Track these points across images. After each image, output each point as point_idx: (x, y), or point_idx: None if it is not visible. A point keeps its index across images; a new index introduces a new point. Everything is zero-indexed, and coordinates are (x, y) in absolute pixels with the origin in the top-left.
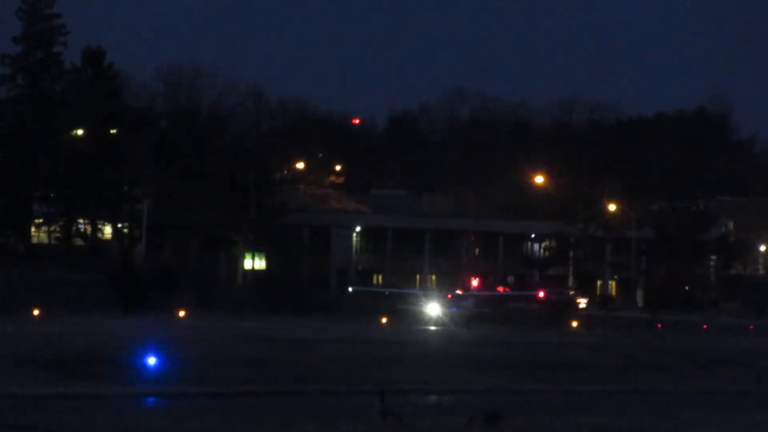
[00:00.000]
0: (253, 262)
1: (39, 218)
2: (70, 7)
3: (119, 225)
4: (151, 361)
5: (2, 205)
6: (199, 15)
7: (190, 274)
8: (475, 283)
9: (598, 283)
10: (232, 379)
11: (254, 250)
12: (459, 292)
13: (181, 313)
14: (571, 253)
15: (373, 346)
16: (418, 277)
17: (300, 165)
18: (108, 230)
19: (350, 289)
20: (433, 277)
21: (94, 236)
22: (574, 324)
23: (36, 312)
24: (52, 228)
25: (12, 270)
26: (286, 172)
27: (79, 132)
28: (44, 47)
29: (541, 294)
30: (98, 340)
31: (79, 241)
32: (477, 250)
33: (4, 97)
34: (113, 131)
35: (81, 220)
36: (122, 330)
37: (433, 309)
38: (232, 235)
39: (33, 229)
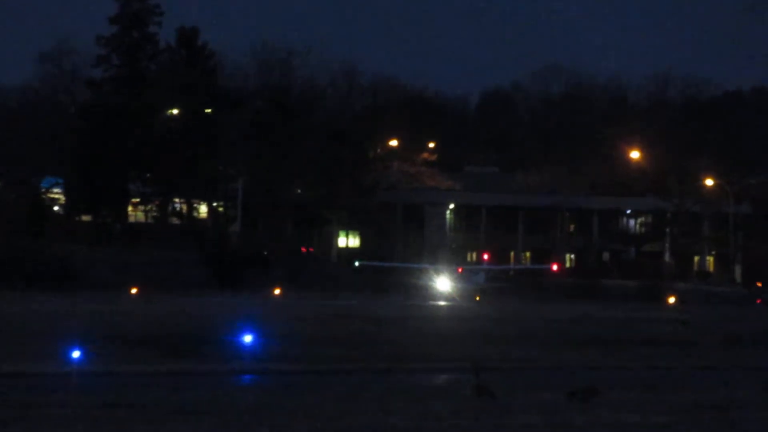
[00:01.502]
0: (347, 240)
1: (136, 198)
2: None
3: (215, 204)
4: (247, 338)
5: (100, 185)
6: None
7: (285, 253)
8: (486, 257)
9: (695, 259)
10: (327, 357)
11: (348, 229)
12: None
13: (276, 291)
14: (668, 229)
15: (466, 323)
16: (512, 254)
17: (393, 143)
18: (204, 209)
19: (356, 264)
20: (527, 254)
21: (190, 215)
22: (671, 300)
23: (134, 290)
24: (149, 207)
25: (110, 249)
26: (379, 150)
27: (174, 112)
28: (139, 27)
29: (555, 267)
30: (194, 318)
31: (175, 220)
32: (571, 226)
33: (100, 77)
34: (208, 111)
35: (177, 200)
36: (218, 308)
37: (442, 283)
38: (325, 214)
39: (130, 208)
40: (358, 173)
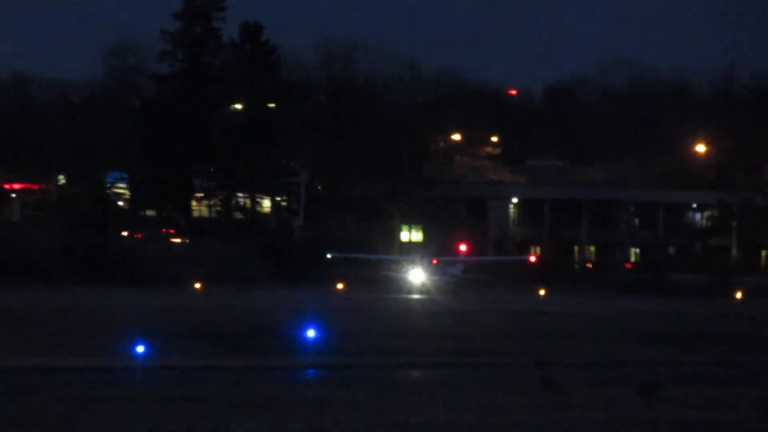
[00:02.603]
0: (410, 234)
1: (200, 192)
2: None
3: (277, 198)
4: (311, 333)
5: (164, 179)
6: None
7: (348, 247)
8: (463, 248)
9: (763, 253)
10: (390, 351)
11: (410, 222)
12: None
13: (339, 286)
14: (734, 223)
15: (530, 318)
16: (576, 248)
17: (456, 136)
18: (267, 203)
19: (329, 256)
20: (591, 248)
21: (254, 210)
22: (738, 295)
23: (198, 285)
24: (213, 202)
25: (174, 243)
26: (441, 143)
27: (238, 106)
28: (203, 23)
29: (533, 258)
30: (258, 312)
31: (238, 215)
32: (636, 220)
33: (165, 72)
34: (271, 105)
35: (240, 194)
36: (281, 302)
37: (416, 275)
38: (388, 208)
39: (194, 203)
40: (420, 167)
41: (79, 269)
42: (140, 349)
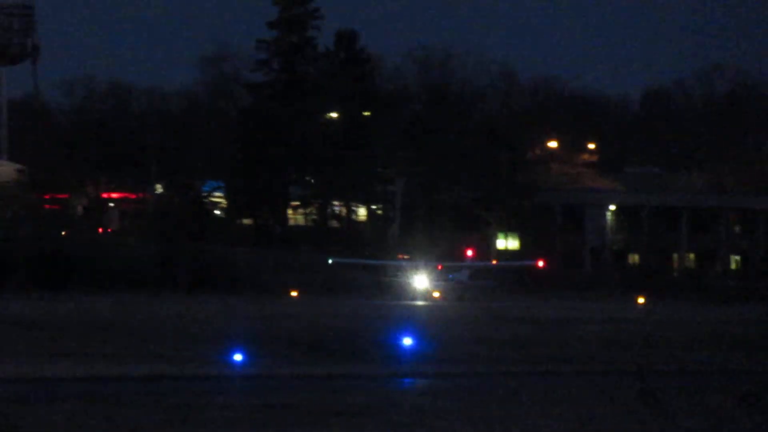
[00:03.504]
0: (506, 242)
1: (296, 201)
2: None
3: (373, 206)
4: (407, 341)
5: (260, 188)
6: None
7: (444, 255)
8: (469, 253)
9: None
10: (487, 359)
11: (506, 230)
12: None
13: (436, 294)
14: None
15: (626, 325)
16: (675, 256)
17: (552, 143)
18: (362, 212)
19: (330, 261)
20: (691, 255)
21: (349, 218)
22: None
23: (293, 293)
24: (308, 210)
25: (270, 252)
26: (538, 150)
27: (333, 115)
28: (298, 31)
29: (541, 263)
30: (354, 320)
31: (334, 223)
32: (737, 228)
33: (260, 81)
34: (366, 113)
35: (336, 202)
36: (378, 310)
37: (420, 281)
38: (484, 215)
39: (290, 211)
40: (517, 174)
41: (177, 278)
42: (238, 357)
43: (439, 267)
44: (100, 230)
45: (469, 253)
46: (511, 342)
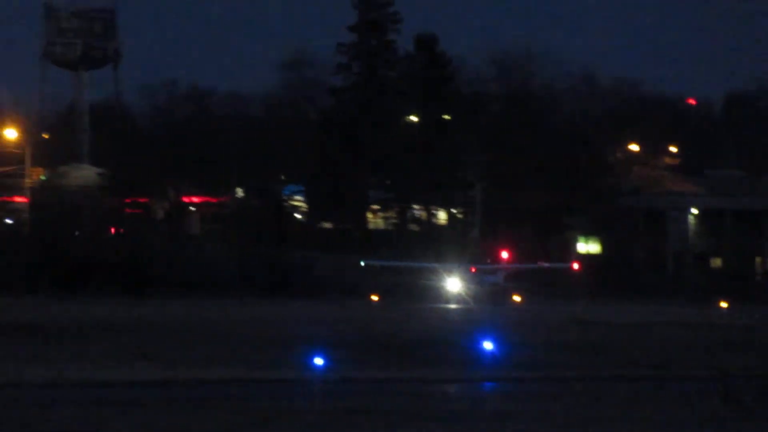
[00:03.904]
0: (587, 246)
1: (375, 204)
2: None
3: (453, 210)
4: (486, 345)
5: (340, 191)
6: None
7: (528, 259)
8: (505, 254)
9: None
10: (566, 364)
11: (588, 234)
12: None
13: (516, 299)
14: None
15: (708, 330)
16: (758, 260)
17: (633, 147)
18: (442, 215)
19: (362, 263)
20: None
21: (429, 222)
22: None
23: (374, 297)
24: (389, 214)
25: (351, 255)
26: (619, 154)
27: (413, 118)
28: (378, 35)
29: (576, 266)
30: (433, 324)
31: (414, 227)
32: None
33: (340, 85)
34: (446, 117)
35: (416, 206)
36: (456, 314)
37: (453, 284)
38: (565, 219)
39: (370, 215)
40: (598, 178)
41: (258, 282)
42: (319, 361)
43: (473, 269)
44: (180, 234)
45: (504, 255)
46: (590, 346)
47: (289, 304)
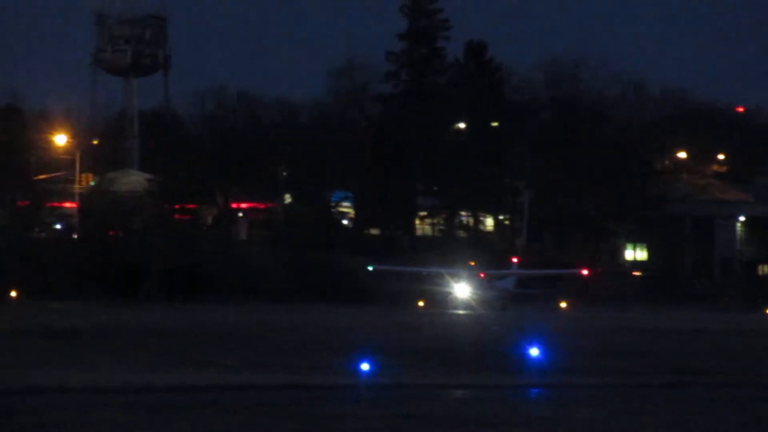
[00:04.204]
0: (635, 253)
1: (423, 211)
2: (451, 2)
3: (501, 217)
4: (534, 351)
5: (388, 198)
6: (581, 6)
7: (569, 266)
8: (515, 260)
9: None
10: (615, 370)
11: (636, 241)
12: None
13: (563, 305)
14: None
15: (757, 337)
16: None
17: (681, 154)
18: (490, 222)
19: (370, 268)
20: None
21: (477, 228)
22: None
23: (421, 303)
24: (436, 220)
25: (398, 262)
26: (667, 161)
27: (462, 125)
28: (427, 43)
29: (585, 272)
30: (483, 331)
31: (462, 234)
32: None
33: (390, 93)
34: (495, 124)
35: (463, 213)
36: (506, 321)
37: (462, 290)
38: (612, 226)
39: (417, 221)
40: (645, 185)
41: (305, 287)
42: (367, 366)
43: (482, 275)
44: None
45: (514, 260)
46: (637, 353)
47: (338, 310)
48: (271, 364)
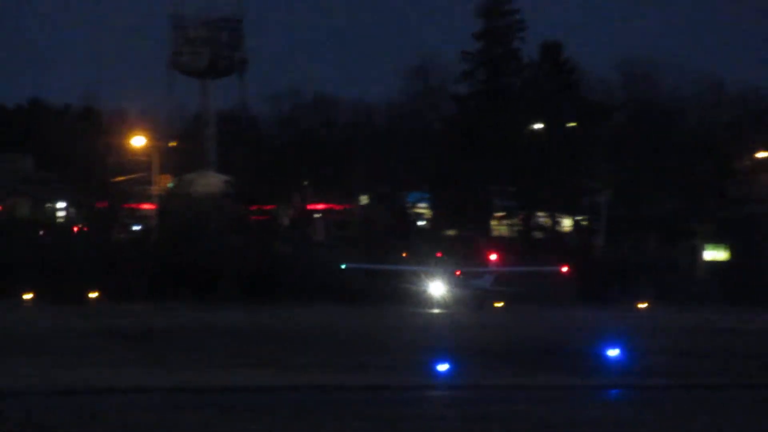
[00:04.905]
0: (714, 254)
1: (499, 211)
2: (527, 2)
3: (577, 218)
4: (612, 352)
5: (464, 198)
6: (657, 5)
7: (649, 266)
8: (493, 257)
9: None
10: (694, 371)
11: (715, 241)
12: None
13: (641, 306)
14: None
15: None
16: None
17: (761, 154)
18: (567, 223)
19: (343, 266)
20: None
21: (553, 229)
22: None
23: (499, 303)
24: (512, 221)
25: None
26: (746, 161)
27: (538, 126)
28: (503, 43)
29: (565, 269)
30: (559, 331)
31: (538, 234)
32: None
33: (465, 93)
34: (570, 124)
35: (540, 213)
36: (582, 322)
37: (436, 288)
38: (690, 226)
39: (494, 222)
40: (724, 185)
41: (382, 288)
42: (443, 367)
43: (457, 273)
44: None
45: (493, 257)
46: (715, 354)
47: (412, 311)
48: (347, 364)
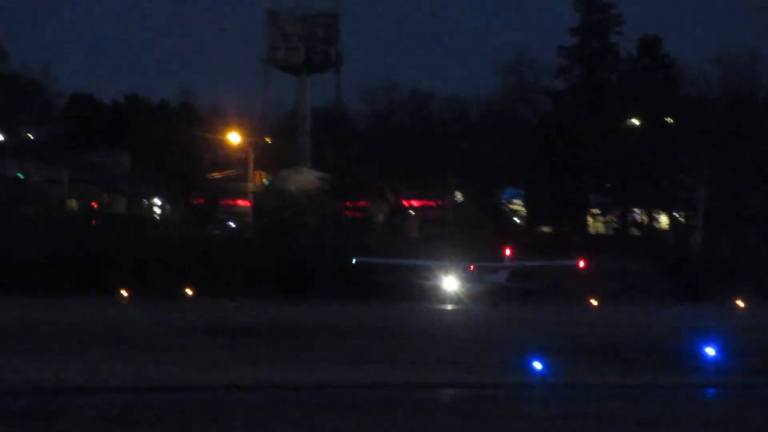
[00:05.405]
0: None
1: (595, 208)
2: None
3: (675, 214)
4: (710, 351)
5: (560, 195)
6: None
7: (749, 262)
8: (507, 252)
9: None
10: None
11: None
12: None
13: (740, 303)
14: None
15: None
16: None
17: None
18: (664, 219)
19: (353, 261)
20: None
21: (650, 225)
22: None
23: (593, 301)
24: (608, 218)
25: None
26: None
27: (635, 121)
28: (600, 37)
29: (582, 263)
30: (654, 329)
31: (635, 231)
32: None
33: (561, 88)
34: (669, 119)
35: (637, 210)
36: (680, 319)
37: (450, 284)
38: None
39: (590, 218)
40: None
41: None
42: (538, 365)
43: (471, 268)
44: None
45: (507, 252)
46: None
47: (506, 308)
48: (442, 361)
